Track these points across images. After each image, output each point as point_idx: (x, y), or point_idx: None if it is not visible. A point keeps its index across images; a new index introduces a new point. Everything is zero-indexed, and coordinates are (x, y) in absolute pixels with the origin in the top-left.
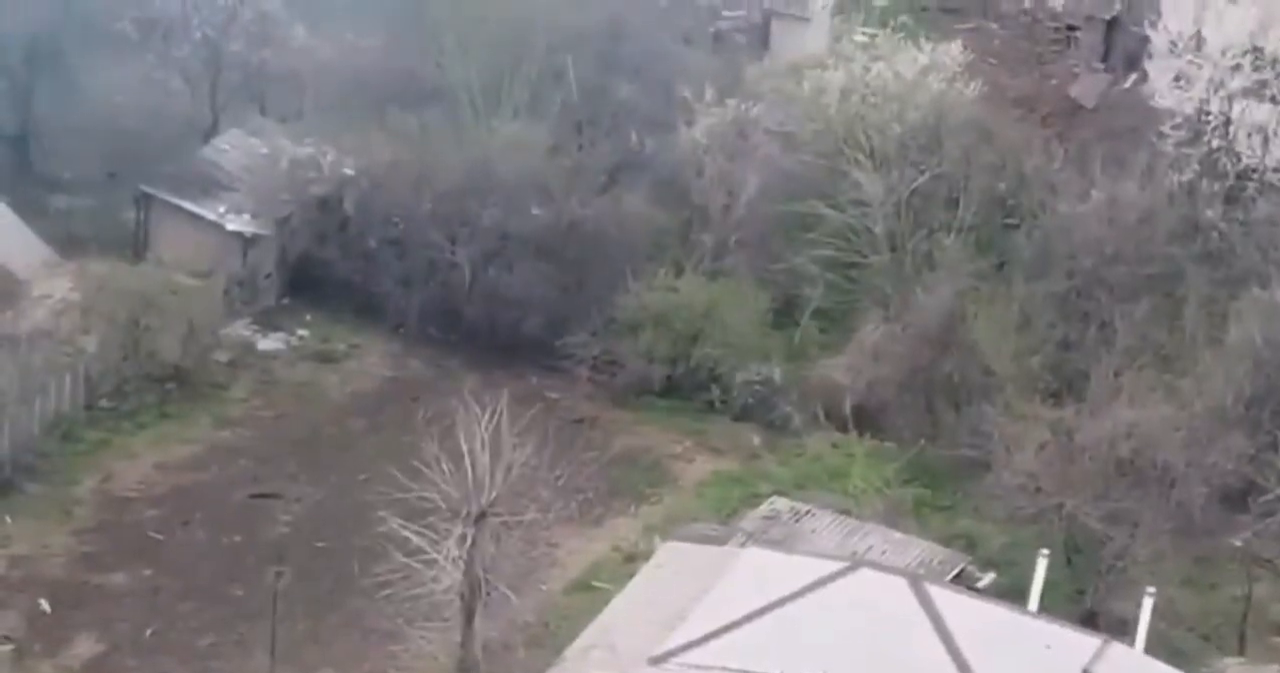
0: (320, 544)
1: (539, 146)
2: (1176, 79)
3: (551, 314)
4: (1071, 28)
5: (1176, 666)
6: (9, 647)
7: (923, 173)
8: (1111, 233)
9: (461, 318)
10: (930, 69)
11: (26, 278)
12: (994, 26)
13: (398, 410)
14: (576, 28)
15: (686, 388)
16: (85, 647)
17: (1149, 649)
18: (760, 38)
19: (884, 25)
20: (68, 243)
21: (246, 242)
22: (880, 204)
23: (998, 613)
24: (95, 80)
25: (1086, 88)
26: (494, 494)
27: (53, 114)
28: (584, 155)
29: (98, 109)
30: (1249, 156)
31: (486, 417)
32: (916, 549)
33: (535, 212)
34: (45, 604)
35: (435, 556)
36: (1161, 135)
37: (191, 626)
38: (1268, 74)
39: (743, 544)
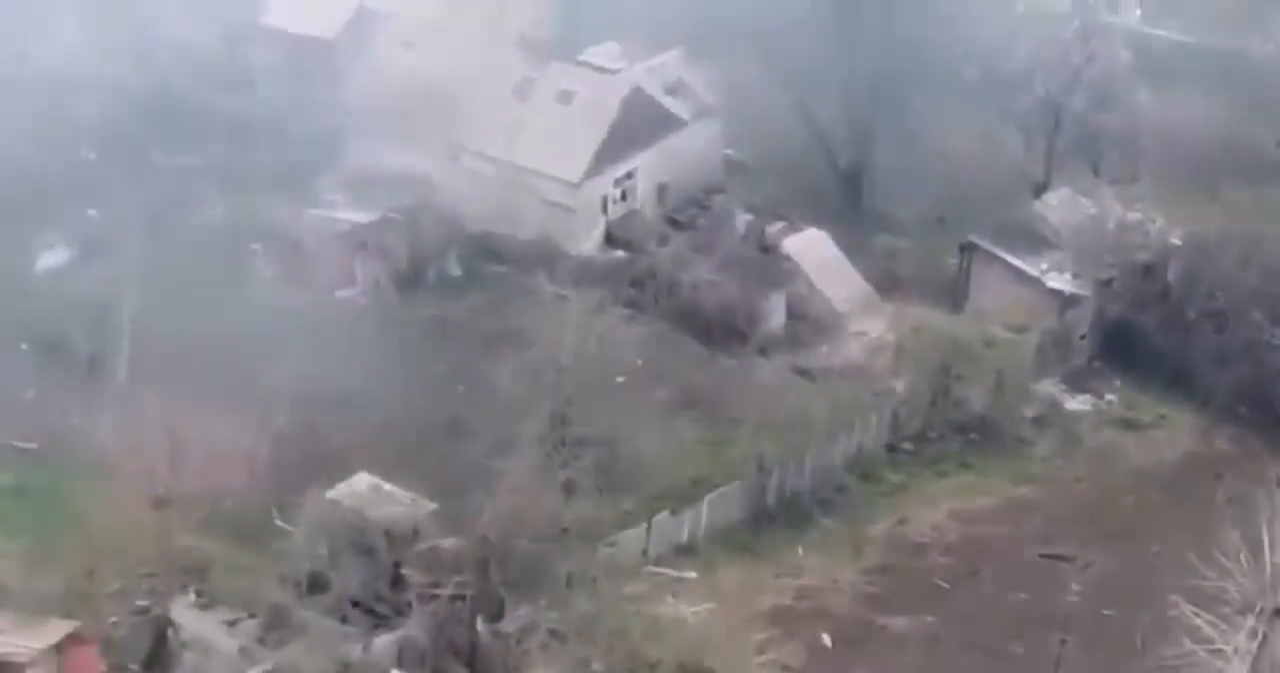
0: (1106, 612)
1: None
2: None
3: None
4: None
5: None
6: None
7: None
8: None
9: (1274, 400)
10: None
11: (845, 312)
12: None
13: (1197, 487)
14: None
15: None
16: None
17: None
18: None
19: None
20: (887, 282)
21: (1065, 300)
22: None
23: None
24: (933, 124)
25: None
26: None
27: (888, 154)
28: None
29: (933, 153)
30: None
31: None
32: None
33: None
34: (827, 639)
35: (1222, 646)
36: None
37: None
38: None
39: None
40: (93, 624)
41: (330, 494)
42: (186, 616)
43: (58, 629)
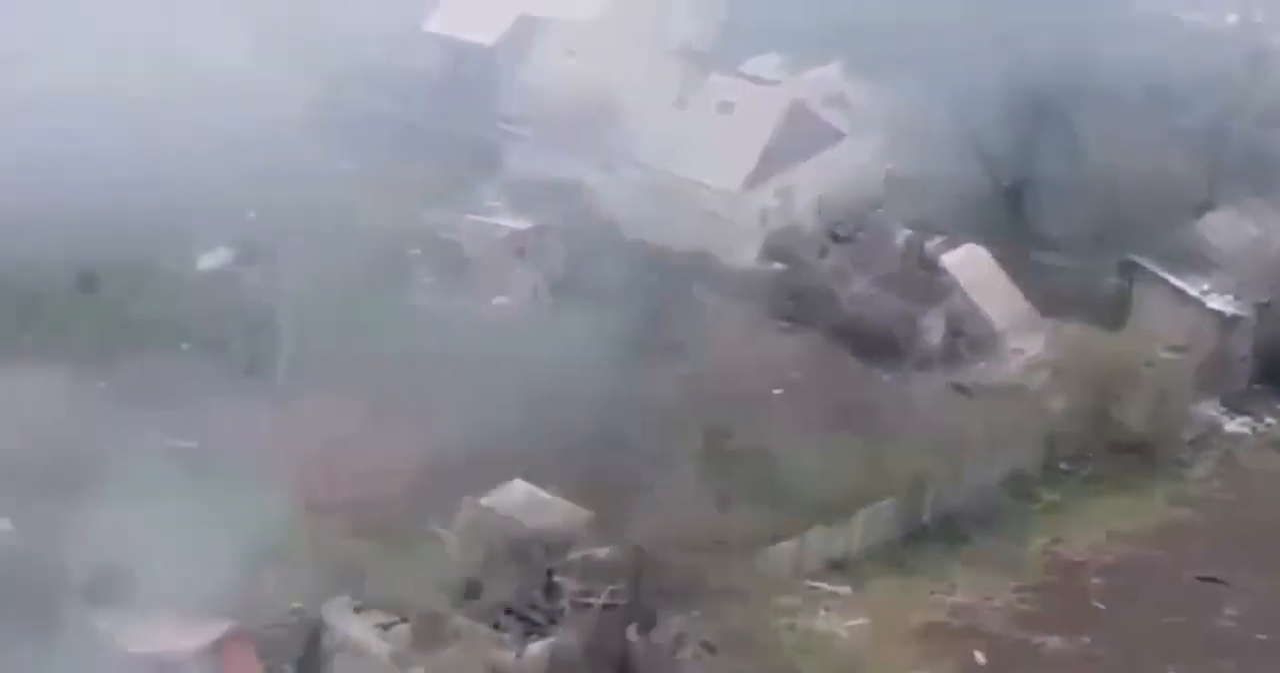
0: (1261, 637)
1: None
2: None
3: None
4: None
5: None
6: None
7: None
8: None
9: None
10: None
11: (1004, 329)
12: None
13: None
14: None
15: None
16: None
17: None
18: None
19: None
20: (1046, 299)
21: (1226, 322)
22: None
23: None
24: (1096, 142)
25: None
26: None
27: (1050, 170)
28: None
29: (1095, 171)
30: None
31: None
32: None
33: None
34: (980, 657)
35: None
36: None
37: None
38: None
39: None
40: (249, 625)
41: (485, 501)
42: (340, 619)
43: (216, 629)
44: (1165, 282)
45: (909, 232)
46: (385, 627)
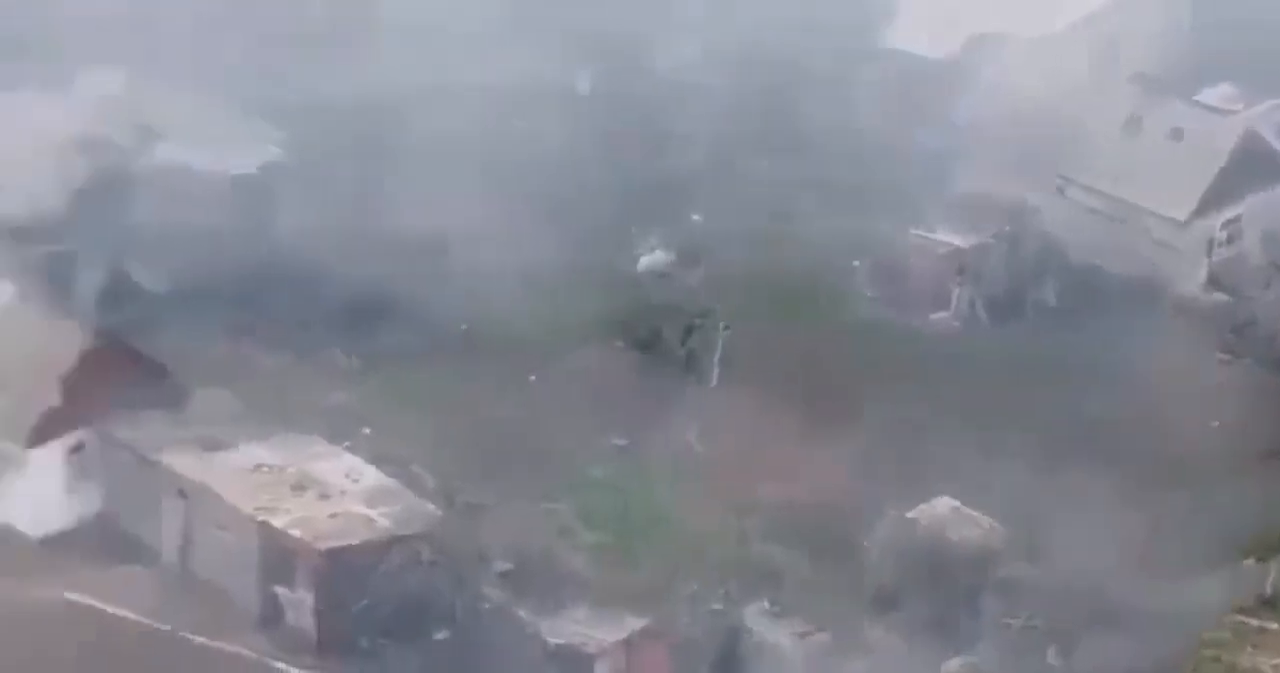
0: None
1: None
2: None
3: None
4: None
5: None
6: None
7: None
8: None
9: None
10: None
11: None
12: None
13: None
14: None
15: None
16: None
17: None
18: None
19: None
20: None
21: None
22: None
23: None
24: None
25: None
26: None
27: None
28: None
29: None
30: None
31: None
32: None
33: None
34: None
35: None
36: None
37: None
38: None
39: None
40: (665, 623)
41: (910, 514)
42: (759, 623)
43: (630, 625)
44: None
45: None
46: (802, 635)
